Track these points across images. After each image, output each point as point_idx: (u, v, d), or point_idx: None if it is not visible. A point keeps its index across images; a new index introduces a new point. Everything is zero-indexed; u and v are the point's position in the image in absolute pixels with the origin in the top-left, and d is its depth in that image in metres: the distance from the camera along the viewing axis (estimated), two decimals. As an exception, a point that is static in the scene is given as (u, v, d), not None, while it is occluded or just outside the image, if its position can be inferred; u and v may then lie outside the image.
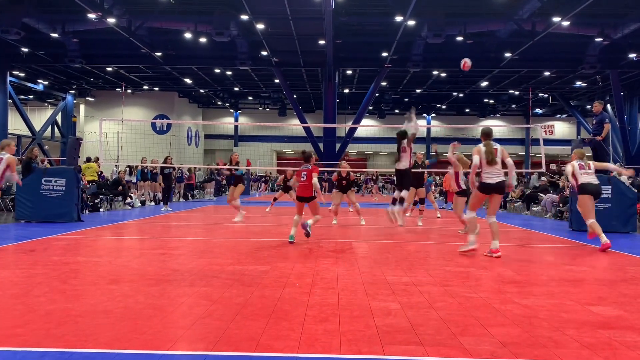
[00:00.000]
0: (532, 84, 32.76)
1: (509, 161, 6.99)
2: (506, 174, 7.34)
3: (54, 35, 22.95)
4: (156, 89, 38.01)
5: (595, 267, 6.21)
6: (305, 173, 8.09)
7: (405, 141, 8.76)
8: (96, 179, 16.35)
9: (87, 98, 39.25)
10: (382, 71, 27.82)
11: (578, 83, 32.42)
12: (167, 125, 38.98)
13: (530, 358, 2.97)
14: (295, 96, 34.02)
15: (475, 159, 7.00)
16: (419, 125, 9.40)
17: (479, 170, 7.09)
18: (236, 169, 11.66)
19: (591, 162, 8.28)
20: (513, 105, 42.20)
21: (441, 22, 21.34)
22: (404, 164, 8.81)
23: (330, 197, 10.77)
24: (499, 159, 6.93)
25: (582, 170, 8.05)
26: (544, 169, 12.04)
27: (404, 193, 8.91)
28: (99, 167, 17.42)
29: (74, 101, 38.58)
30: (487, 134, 7.06)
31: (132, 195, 17.37)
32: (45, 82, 34.44)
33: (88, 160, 16.60)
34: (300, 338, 3.26)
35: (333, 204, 11.42)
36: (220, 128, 47.01)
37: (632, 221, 10.33)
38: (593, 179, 8.02)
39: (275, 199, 15.97)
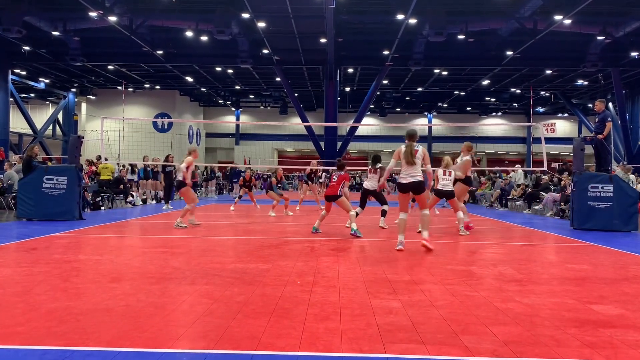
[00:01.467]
0: (533, 82, 32.71)
1: (428, 168, 7.34)
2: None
3: (56, 33, 22.96)
4: (157, 87, 38.03)
5: (597, 265, 6.20)
6: (337, 177, 9.35)
7: (379, 165, 10.11)
8: (111, 178, 16.51)
9: (88, 96, 39.28)
10: (383, 69, 27.79)
11: (580, 81, 32.37)
12: (168, 124, 38.99)
13: (532, 357, 2.97)
14: (296, 94, 33.99)
15: (392, 162, 7.35)
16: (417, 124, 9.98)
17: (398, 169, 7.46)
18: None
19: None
20: (514, 104, 42.16)
21: (442, 21, 21.30)
22: (372, 184, 10.05)
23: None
24: (419, 160, 7.11)
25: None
26: (545, 167, 12.03)
27: (385, 207, 10.35)
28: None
29: (75, 99, 38.62)
30: (410, 135, 7.30)
31: (133, 193, 17.39)
32: (47, 81, 34.49)
33: (105, 159, 16.96)
34: (302, 336, 3.26)
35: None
36: (222, 126, 47.04)
37: (634, 220, 10.31)
38: None
39: (240, 197, 15.59)
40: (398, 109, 45.19)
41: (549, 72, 29.42)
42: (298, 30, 23.46)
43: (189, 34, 23.24)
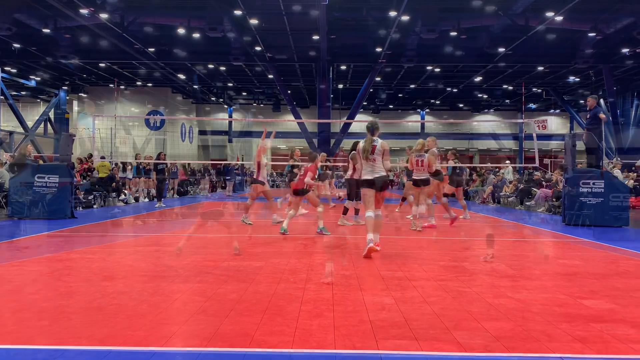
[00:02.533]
0: (525, 79, 32.83)
1: (387, 164, 6.66)
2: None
3: (46, 30, 22.76)
4: (149, 84, 37.82)
5: (588, 260, 6.25)
6: (304, 169, 9.02)
7: (352, 153, 9.54)
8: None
9: (80, 94, 38.98)
10: (376, 66, 27.79)
11: (571, 78, 32.52)
12: (160, 122, 38.76)
13: (523, 352, 2.99)
14: (289, 92, 33.93)
15: (359, 163, 6.88)
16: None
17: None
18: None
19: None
20: (507, 100, 42.29)
21: (435, 17, 21.32)
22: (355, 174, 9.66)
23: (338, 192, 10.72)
24: (379, 155, 6.58)
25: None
26: (537, 164, 12.10)
27: (347, 203, 9.96)
28: (92, 163, 17.45)
29: (67, 97, 38.34)
30: (369, 128, 6.75)
31: (125, 191, 17.33)
32: (38, 78, 34.20)
33: (102, 158, 17.17)
34: (295, 333, 3.26)
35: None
36: (215, 124, 46.87)
37: (624, 215, 10.40)
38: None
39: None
40: (391, 106, 45.21)
41: (540, 68, 29.55)
42: (290, 27, 23.40)
43: (181, 31, 23.13)
